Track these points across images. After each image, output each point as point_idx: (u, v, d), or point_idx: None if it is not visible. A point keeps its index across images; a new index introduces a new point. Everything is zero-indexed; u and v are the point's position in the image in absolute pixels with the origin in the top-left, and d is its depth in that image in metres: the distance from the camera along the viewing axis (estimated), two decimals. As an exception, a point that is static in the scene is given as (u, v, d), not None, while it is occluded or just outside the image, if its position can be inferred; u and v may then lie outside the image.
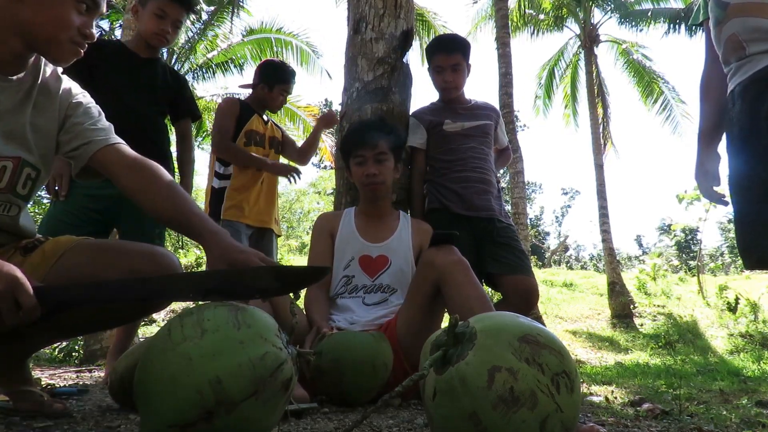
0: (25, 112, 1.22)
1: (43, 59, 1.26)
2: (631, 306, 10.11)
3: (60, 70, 1.33)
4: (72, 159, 1.30)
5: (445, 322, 2.19)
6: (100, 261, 1.22)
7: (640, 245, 32.45)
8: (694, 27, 11.28)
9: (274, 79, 2.88)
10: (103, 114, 1.35)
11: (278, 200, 3.04)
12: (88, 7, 1.16)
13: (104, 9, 1.23)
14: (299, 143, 3.31)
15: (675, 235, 20.97)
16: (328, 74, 10.78)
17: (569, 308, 10.25)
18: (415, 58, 10.13)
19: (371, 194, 2.08)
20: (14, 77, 1.20)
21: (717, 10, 1.51)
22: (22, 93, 1.22)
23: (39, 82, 1.25)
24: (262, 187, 2.82)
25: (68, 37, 1.15)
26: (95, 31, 1.21)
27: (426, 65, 2.56)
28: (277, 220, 2.97)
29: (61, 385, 2.16)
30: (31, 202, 1.29)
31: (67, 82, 1.33)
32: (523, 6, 12.56)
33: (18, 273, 0.93)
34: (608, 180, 11.52)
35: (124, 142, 1.31)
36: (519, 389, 0.83)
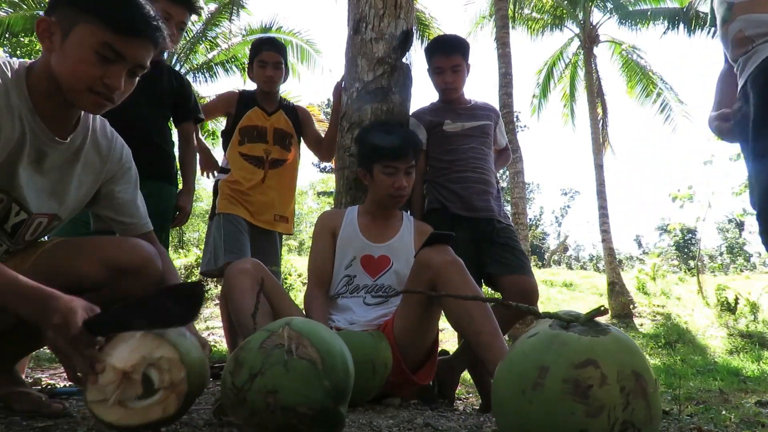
0: (73, 170, 1.26)
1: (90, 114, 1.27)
2: (631, 306, 10.11)
3: (108, 126, 1.36)
4: (104, 223, 1.41)
5: (441, 322, 2.19)
6: (75, 254, 1.29)
7: (640, 245, 32.47)
8: (693, 26, 11.32)
9: (251, 57, 2.74)
10: (138, 185, 1.43)
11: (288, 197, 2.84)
12: (109, 59, 1.09)
13: (140, 60, 1.14)
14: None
15: (674, 235, 21.01)
16: (330, 72, 10.77)
17: (569, 308, 10.25)
18: (416, 59, 10.11)
19: (393, 204, 2.06)
20: (66, 139, 1.22)
21: (722, 9, 1.54)
22: (71, 152, 1.25)
23: (89, 139, 1.28)
24: (264, 183, 2.68)
25: (86, 86, 1.10)
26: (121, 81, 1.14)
27: (423, 64, 2.56)
28: (288, 218, 2.80)
29: (61, 385, 2.16)
30: None
31: (119, 144, 1.37)
32: (522, 6, 12.56)
33: (73, 303, 0.99)
34: (608, 180, 11.54)
35: (153, 228, 1.45)
36: (594, 394, 0.83)
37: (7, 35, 8.61)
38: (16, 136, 1.12)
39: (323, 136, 2.88)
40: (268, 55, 2.71)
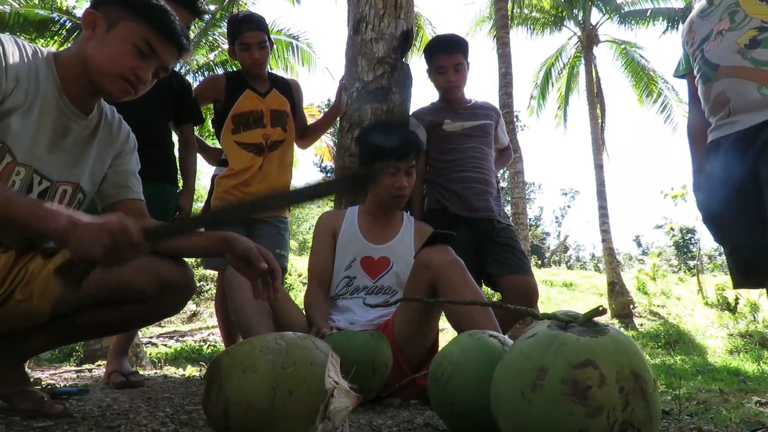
0: (92, 145, 1.38)
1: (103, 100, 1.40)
2: (631, 306, 10.11)
3: (115, 111, 1.47)
4: (99, 193, 1.45)
5: (442, 322, 2.19)
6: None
7: (640, 245, 32.48)
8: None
9: (230, 39, 2.54)
10: (138, 163, 1.51)
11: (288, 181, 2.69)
12: (144, 53, 1.25)
13: (167, 61, 1.30)
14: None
15: (673, 235, 21.02)
16: (330, 73, 10.76)
17: (569, 308, 10.21)
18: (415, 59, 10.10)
19: (394, 204, 2.06)
20: (88, 116, 1.35)
21: (707, 69, 1.62)
22: (90, 129, 1.37)
23: (103, 119, 1.41)
24: (263, 170, 2.54)
25: (118, 72, 1.25)
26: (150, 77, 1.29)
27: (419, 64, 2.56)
28: None
29: (61, 385, 2.16)
30: None
31: (124, 126, 1.48)
32: (522, 6, 12.56)
33: (125, 220, 1.03)
34: (608, 180, 11.54)
35: (144, 200, 1.48)
36: (593, 394, 0.83)
37: (6, 33, 8.60)
38: (37, 106, 1.23)
39: (308, 124, 2.81)
40: (251, 35, 2.48)
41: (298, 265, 9.77)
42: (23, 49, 1.23)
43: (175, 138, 2.53)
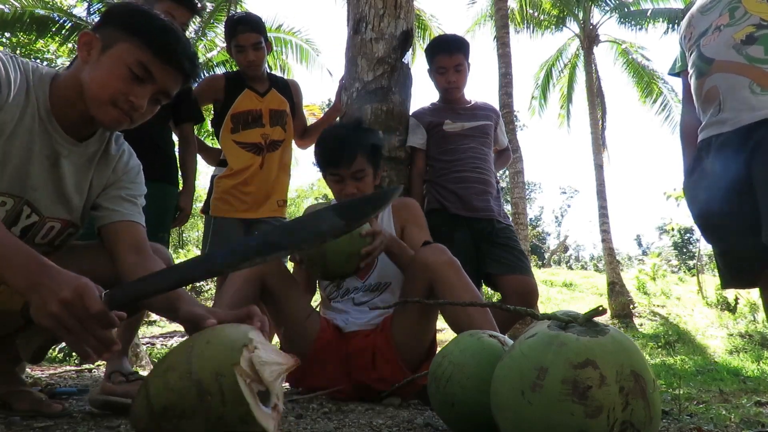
0: (88, 175, 1.27)
1: None
2: (631, 306, 10.12)
3: (123, 139, 1.35)
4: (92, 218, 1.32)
5: (441, 322, 2.19)
6: (97, 256, 1.27)
7: (640, 245, 32.50)
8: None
9: (227, 39, 2.55)
10: (143, 193, 1.36)
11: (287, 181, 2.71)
12: (140, 78, 1.13)
13: (167, 87, 1.18)
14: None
15: (672, 235, 21.02)
16: (329, 72, 10.77)
17: (569, 308, 10.20)
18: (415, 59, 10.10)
19: None
20: (82, 142, 1.23)
21: (701, 63, 1.61)
22: (86, 157, 1.25)
23: (103, 147, 1.29)
24: (263, 169, 2.53)
25: (110, 99, 1.12)
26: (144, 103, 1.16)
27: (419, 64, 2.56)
28: (284, 202, 2.66)
29: (61, 385, 2.16)
30: None
31: (128, 153, 1.35)
32: (523, 6, 12.57)
33: (84, 279, 0.89)
34: (608, 180, 11.55)
35: (144, 224, 1.30)
36: (593, 394, 0.83)
37: (7, 35, 8.60)
38: (25, 129, 1.14)
39: (308, 124, 2.82)
40: (245, 38, 2.48)
41: (298, 265, 9.77)
42: (18, 69, 1.13)
43: (175, 138, 2.53)
